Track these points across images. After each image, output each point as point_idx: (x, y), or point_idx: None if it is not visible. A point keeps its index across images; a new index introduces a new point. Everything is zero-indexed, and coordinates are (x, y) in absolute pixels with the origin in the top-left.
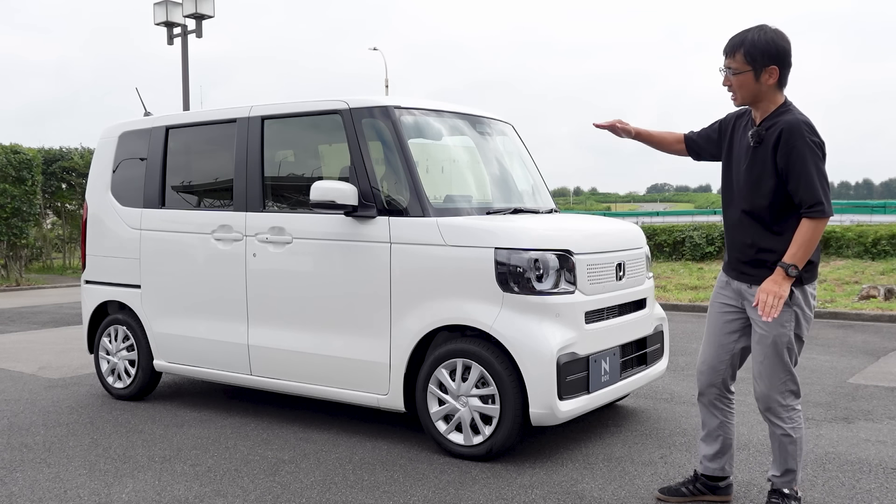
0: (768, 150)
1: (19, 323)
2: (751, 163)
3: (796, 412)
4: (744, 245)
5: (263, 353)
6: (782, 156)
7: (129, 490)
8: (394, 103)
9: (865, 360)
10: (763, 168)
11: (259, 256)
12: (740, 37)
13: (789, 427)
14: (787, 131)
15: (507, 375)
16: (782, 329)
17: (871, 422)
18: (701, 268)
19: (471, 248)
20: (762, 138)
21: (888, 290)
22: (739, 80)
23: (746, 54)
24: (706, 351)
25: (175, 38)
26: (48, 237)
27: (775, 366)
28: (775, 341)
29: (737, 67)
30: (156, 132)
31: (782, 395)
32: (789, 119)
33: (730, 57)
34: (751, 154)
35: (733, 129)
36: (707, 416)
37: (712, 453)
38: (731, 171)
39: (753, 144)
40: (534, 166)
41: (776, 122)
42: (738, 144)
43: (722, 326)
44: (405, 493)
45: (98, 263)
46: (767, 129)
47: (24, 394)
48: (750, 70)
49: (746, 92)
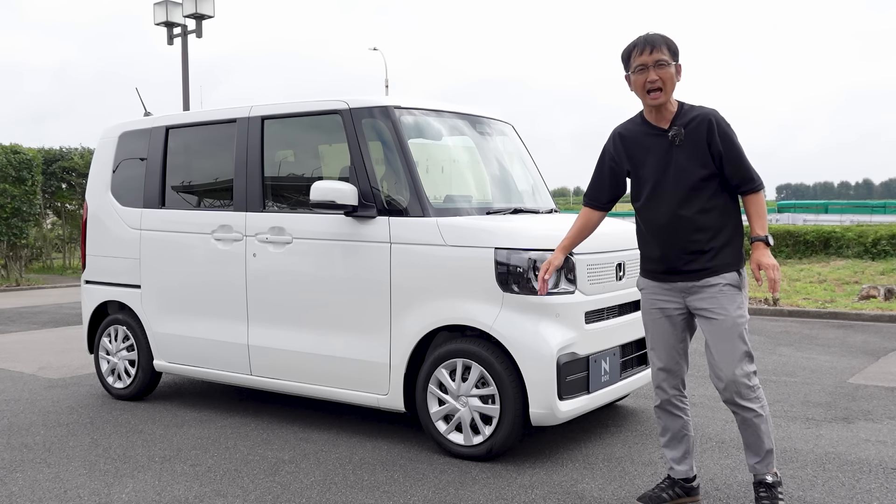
0: (698, 144)
1: (19, 323)
2: (676, 163)
3: (760, 389)
4: (683, 244)
5: (263, 353)
6: (718, 144)
7: (129, 490)
8: (394, 103)
9: (865, 360)
10: (690, 162)
11: (259, 256)
12: (654, 35)
13: (758, 406)
14: (714, 122)
15: (507, 375)
16: (739, 310)
17: (871, 422)
18: None
19: (471, 248)
20: (685, 136)
21: (888, 290)
22: (669, 73)
23: (669, 48)
24: (660, 358)
25: (175, 38)
26: (48, 237)
27: (737, 349)
28: (735, 323)
29: (667, 59)
30: (156, 132)
31: (747, 376)
32: (706, 111)
33: (657, 50)
34: (673, 154)
35: (624, 147)
36: (669, 420)
37: (680, 456)
38: (647, 182)
39: (678, 143)
40: (534, 166)
41: (694, 118)
42: (646, 153)
43: (669, 330)
44: (405, 493)
45: (98, 263)
46: (686, 126)
47: (24, 394)
48: (673, 63)
49: (672, 86)
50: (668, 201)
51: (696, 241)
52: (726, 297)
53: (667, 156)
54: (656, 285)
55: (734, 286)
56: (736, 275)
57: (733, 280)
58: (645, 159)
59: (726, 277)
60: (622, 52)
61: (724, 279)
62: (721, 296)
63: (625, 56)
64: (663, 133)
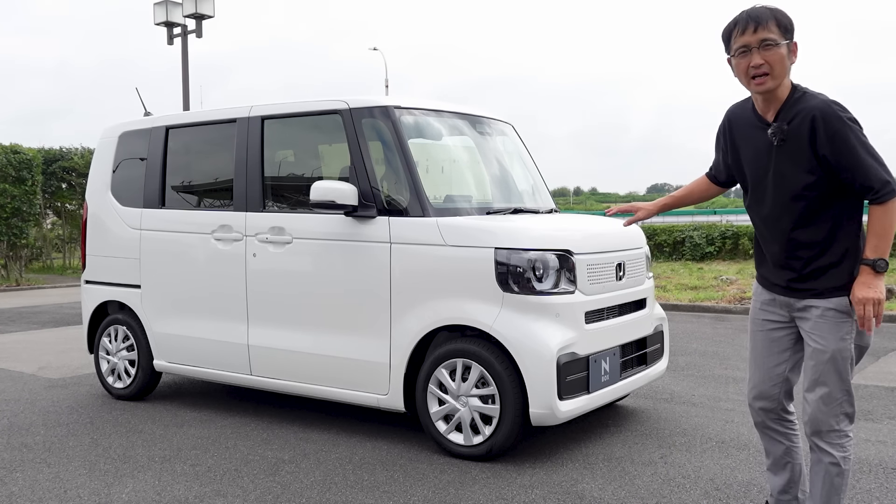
0: (802, 146)
1: (19, 323)
2: (776, 166)
3: (849, 439)
4: (782, 259)
5: (263, 353)
6: (825, 145)
7: (129, 490)
8: (394, 103)
9: (865, 360)
10: (793, 167)
11: (259, 256)
12: (760, 8)
13: (840, 456)
14: (821, 119)
15: (507, 375)
16: (842, 343)
17: (871, 422)
18: (701, 268)
19: (471, 248)
20: (786, 135)
21: (888, 290)
22: (778, 54)
23: (779, 24)
24: (755, 376)
25: (175, 38)
26: (48, 237)
27: (831, 385)
28: (834, 357)
29: (775, 38)
30: (156, 132)
31: (836, 418)
32: (814, 104)
33: (763, 28)
34: (774, 155)
35: (731, 135)
36: (770, 443)
37: (783, 484)
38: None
39: (777, 143)
40: (534, 166)
41: (799, 112)
42: (749, 146)
43: (768, 346)
44: (405, 493)
45: (98, 263)
46: (789, 123)
47: (24, 394)
48: (785, 42)
49: (782, 70)
50: (769, 207)
51: (797, 257)
52: (828, 325)
53: (767, 156)
54: (763, 291)
55: (841, 312)
56: (845, 300)
57: (840, 305)
58: (748, 154)
59: (832, 302)
60: (723, 30)
61: (830, 303)
62: (823, 322)
63: (725, 35)
64: (766, 127)
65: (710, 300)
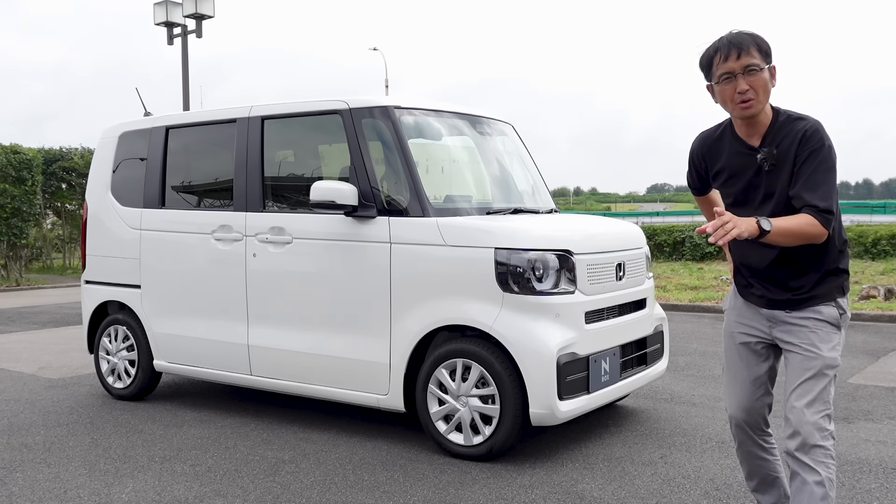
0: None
1: (19, 323)
2: (767, 187)
3: (833, 461)
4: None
5: (263, 353)
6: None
7: (129, 490)
8: (394, 103)
9: (865, 360)
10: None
11: (259, 256)
12: (740, 34)
13: (826, 476)
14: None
15: (507, 375)
16: (833, 353)
17: (871, 422)
18: (701, 268)
19: (471, 249)
20: (776, 159)
21: (888, 290)
22: (762, 79)
23: (760, 49)
24: (736, 393)
25: (175, 38)
26: (48, 237)
27: (816, 397)
28: (823, 370)
29: (758, 63)
30: (156, 132)
31: (821, 431)
32: (801, 125)
33: (745, 54)
34: (765, 178)
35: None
36: (752, 464)
37: (774, 502)
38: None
39: (768, 168)
40: (534, 166)
41: (787, 134)
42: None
43: (750, 358)
44: (405, 493)
45: (98, 263)
46: (778, 147)
47: (24, 394)
48: (766, 67)
49: (766, 94)
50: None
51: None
52: (818, 335)
53: (756, 180)
54: (743, 305)
55: (830, 323)
56: (834, 311)
57: (829, 317)
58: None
59: (821, 312)
60: (700, 57)
61: (819, 314)
62: (812, 332)
63: (704, 63)
64: (753, 153)
65: (710, 300)
